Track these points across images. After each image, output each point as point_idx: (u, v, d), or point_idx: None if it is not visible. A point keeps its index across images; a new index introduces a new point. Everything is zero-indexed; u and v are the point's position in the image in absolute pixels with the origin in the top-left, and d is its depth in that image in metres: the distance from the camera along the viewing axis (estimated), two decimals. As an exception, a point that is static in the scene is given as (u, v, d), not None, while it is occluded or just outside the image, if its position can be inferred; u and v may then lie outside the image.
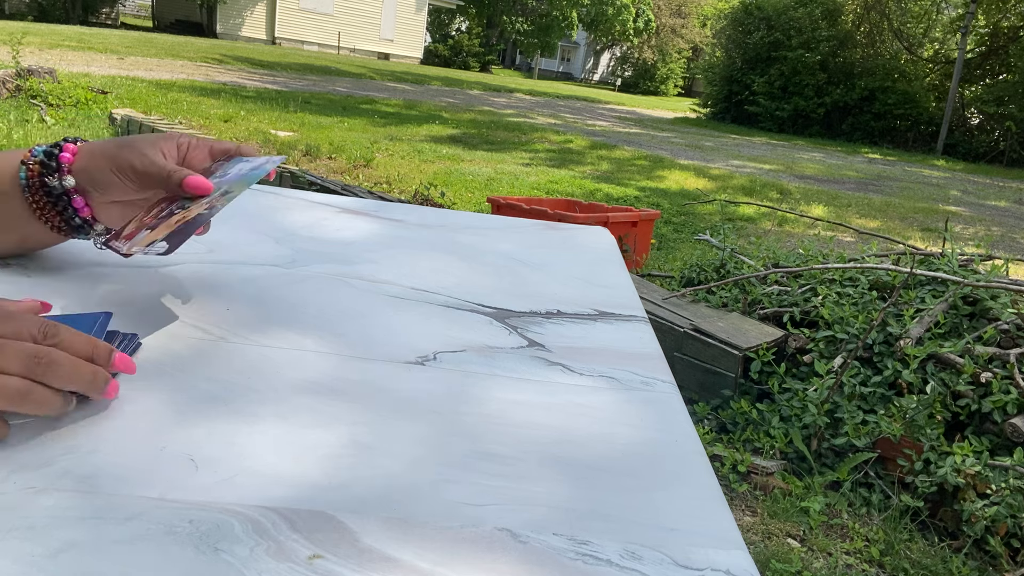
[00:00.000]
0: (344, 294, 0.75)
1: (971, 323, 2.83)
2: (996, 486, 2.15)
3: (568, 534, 0.44)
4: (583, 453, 0.53)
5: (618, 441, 0.55)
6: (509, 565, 0.41)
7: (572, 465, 0.52)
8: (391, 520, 0.44)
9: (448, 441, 0.52)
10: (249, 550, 0.40)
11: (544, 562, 0.42)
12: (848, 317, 2.88)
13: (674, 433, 0.58)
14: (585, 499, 0.48)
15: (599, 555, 0.43)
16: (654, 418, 0.59)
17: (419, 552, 0.41)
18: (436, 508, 0.45)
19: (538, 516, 0.46)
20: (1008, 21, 19.56)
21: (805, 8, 20.61)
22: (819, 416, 2.52)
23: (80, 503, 0.42)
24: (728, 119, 21.29)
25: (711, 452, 2.50)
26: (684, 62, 40.27)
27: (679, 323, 2.95)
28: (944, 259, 3.23)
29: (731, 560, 0.44)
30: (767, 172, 10.78)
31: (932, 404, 2.44)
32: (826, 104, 19.84)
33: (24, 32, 10.81)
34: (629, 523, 0.46)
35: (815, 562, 2.08)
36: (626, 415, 0.59)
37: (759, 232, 6.40)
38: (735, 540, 0.46)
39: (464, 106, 14.65)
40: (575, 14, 34.59)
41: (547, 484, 0.49)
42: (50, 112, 7.13)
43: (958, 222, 8.16)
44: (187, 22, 25.74)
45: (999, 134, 18.54)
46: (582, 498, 0.48)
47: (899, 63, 20.52)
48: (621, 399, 0.62)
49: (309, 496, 0.45)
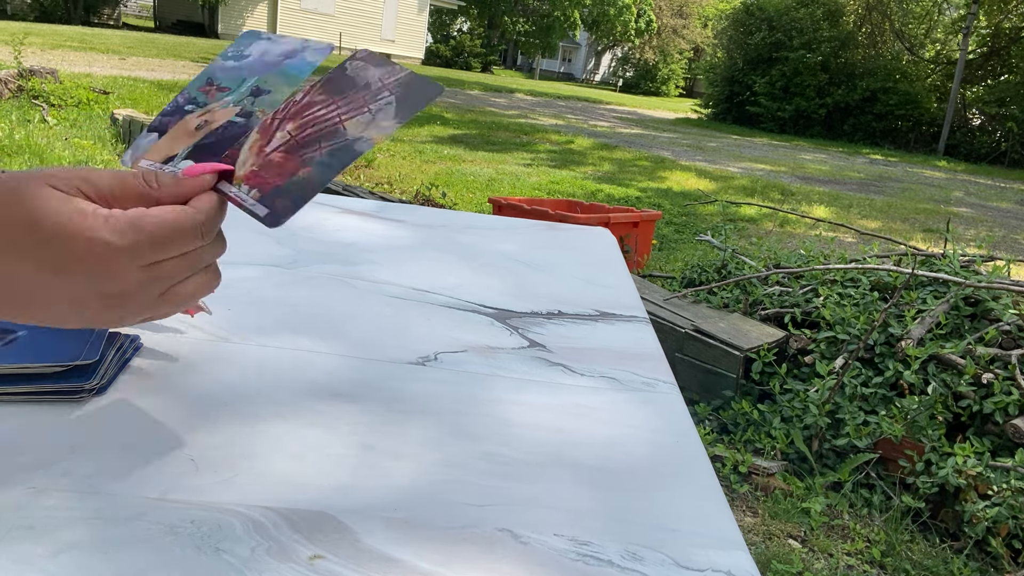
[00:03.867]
0: (345, 294, 0.75)
1: (972, 324, 2.83)
2: (997, 487, 2.14)
3: (569, 534, 0.44)
4: (584, 454, 0.53)
5: (619, 441, 0.55)
6: (509, 565, 0.41)
7: (573, 465, 0.51)
8: (391, 520, 0.44)
9: (449, 441, 0.52)
10: (250, 550, 0.40)
11: (545, 562, 0.42)
12: (849, 318, 2.88)
13: (675, 434, 0.58)
14: (586, 499, 0.48)
15: (600, 556, 0.43)
16: (655, 419, 0.59)
17: (419, 552, 0.41)
18: (436, 508, 0.45)
19: (539, 516, 0.46)
20: (1010, 22, 19.54)
21: (807, 9, 20.60)
22: (820, 417, 2.52)
23: (80, 503, 0.42)
24: (729, 120, 21.28)
25: (712, 453, 2.50)
26: (685, 63, 40.26)
27: (680, 324, 2.95)
28: (945, 260, 3.23)
29: (732, 561, 0.44)
30: (768, 173, 10.78)
31: (933, 405, 2.44)
32: (827, 105, 19.82)
33: (26, 32, 10.83)
34: (630, 524, 0.46)
35: (816, 563, 2.08)
36: (627, 416, 0.59)
37: (760, 233, 6.39)
38: (736, 541, 0.46)
39: (465, 106, 14.65)
40: (577, 14, 34.59)
41: (548, 484, 0.49)
42: (52, 112, 7.13)
43: (959, 223, 8.15)
44: (189, 22, 25.76)
45: (1001, 135, 18.52)
46: (583, 498, 0.48)
47: (901, 64, 20.50)
48: (622, 399, 0.61)
49: (310, 496, 0.45)
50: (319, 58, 0.52)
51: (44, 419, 0.49)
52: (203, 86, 0.52)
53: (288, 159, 0.47)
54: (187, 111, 0.51)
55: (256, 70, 0.52)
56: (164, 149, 0.49)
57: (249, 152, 0.48)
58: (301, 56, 0.52)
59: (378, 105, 0.48)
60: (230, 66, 0.53)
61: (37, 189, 0.40)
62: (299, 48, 0.53)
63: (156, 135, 0.50)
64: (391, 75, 0.49)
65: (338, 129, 0.48)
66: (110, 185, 0.43)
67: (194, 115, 0.51)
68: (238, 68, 0.53)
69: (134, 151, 0.50)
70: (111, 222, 0.41)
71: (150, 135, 0.51)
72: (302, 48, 0.53)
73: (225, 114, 0.50)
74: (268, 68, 0.52)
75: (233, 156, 0.48)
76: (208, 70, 0.53)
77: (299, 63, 0.52)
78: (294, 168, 0.47)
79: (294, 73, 0.51)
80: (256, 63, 0.53)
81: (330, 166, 0.47)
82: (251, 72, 0.52)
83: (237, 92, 0.51)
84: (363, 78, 0.50)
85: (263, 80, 0.51)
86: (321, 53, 0.52)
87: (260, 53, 0.53)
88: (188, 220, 0.43)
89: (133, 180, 0.44)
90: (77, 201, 0.41)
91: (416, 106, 0.48)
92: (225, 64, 0.53)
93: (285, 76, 0.51)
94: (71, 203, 0.40)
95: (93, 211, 0.41)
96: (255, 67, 0.52)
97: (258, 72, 0.52)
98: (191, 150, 0.49)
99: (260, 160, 0.47)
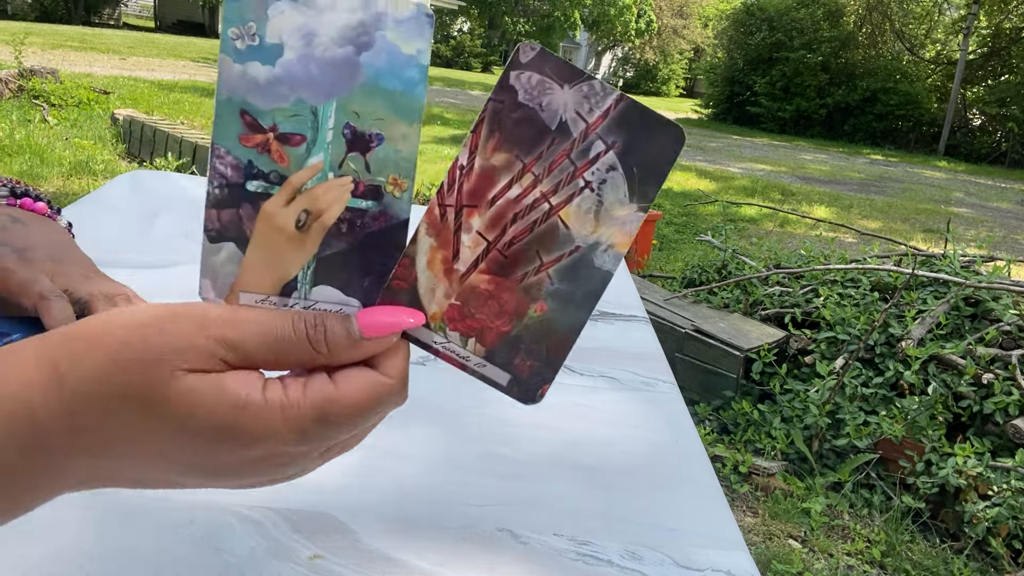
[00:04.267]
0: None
1: (973, 324, 2.83)
2: (997, 487, 2.14)
3: (569, 534, 0.44)
4: (584, 453, 0.53)
5: (619, 441, 0.55)
6: (509, 565, 0.41)
7: (573, 465, 0.51)
8: (391, 520, 0.44)
9: (448, 441, 0.52)
10: (250, 550, 0.40)
11: (544, 562, 0.42)
12: (850, 318, 2.88)
13: (675, 433, 0.58)
14: (586, 499, 0.48)
15: (600, 555, 0.43)
16: (655, 418, 0.59)
17: (419, 552, 0.41)
18: (436, 508, 0.45)
19: (538, 516, 0.46)
20: (1010, 22, 19.54)
21: (807, 9, 20.59)
22: (820, 417, 2.51)
23: (80, 504, 0.42)
24: (730, 120, 21.27)
25: (712, 453, 2.50)
26: (686, 63, 40.25)
27: (680, 324, 2.95)
28: (946, 260, 3.23)
29: (732, 560, 0.44)
30: (769, 173, 10.77)
31: (933, 405, 2.44)
32: (828, 105, 19.81)
33: (27, 32, 10.83)
34: (630, 523, 0.46)
35: (816, 563, 2.08)
36: (627, 415, 0.59)
37: (761, 233, 6.39)
38: (736, 540, 0.46)
39: (466, 107, 14.64)
40: (577, 15, 34.59)
41: (548, 484, 0.49)
42: (52, 112, 7.13)
43: (960, 223, 8.15)
44: (189, 22, 25.76)
45: (1001, 135, 18.52)
46: (582, 498, 0.48)
47: (901, 64, 20.49)
48: (622, 399, 0.61)
49: (310, 497, 0.45)
50: (420, 45, 0.31)
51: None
52: (245, 133, 0.31)
53: (503, 287, 0.32)
54: (253, 192, 0.32)
55: (319, 85, 0.31)
56: (264, 271, 0.33)
57: (429, 271, 0.32)
58: (385, 50, 0.31)
59: (599, 174, 0.31)
60: (264, 80, 0.31)
61: (174, 383, 0.29)
62: (367, 26, 0.30)
63: (231, 244, 0.33)
64: (593, 103, 0.31)
65: (556, 227, 0.31)
66: (260, 350, 0.31)
67: (280, 202, 0.32)
68: (283, 84, 0.31)
69: (212, 277, 0.34)
70: (290, 418, 0.30)
71: (221, 247, 0.33)
72: (374, 23, 0.30)
73: (332, 193, 0.32)
74: (339, 79, 0.31)
75: (381, 265, 0.33)
76: (230, 96, 0.31)
77: (391, 64, 0.31)
78: (519, 305, 0.32)
79: (396, 89, 0.31)
80: (309, 68, 0.31)
81: (570, 299, 0.32)
82: (313, 91, 0.31)
83: (319, 142, 0.31)
84: (551, 111, 0.31)
85: (347, 106, 0.31)
86: (416, 33, 0.31)
87: (300, 39, 0.30)
88: (386, 399, 0.32)
89: (289, 339, 0.31)
90: (230, 386, 0.30)
91: (657, 171, 0.31)
92: (255, 77, 0.31)
93: (385, 97, 0.31)
94: (225, 394, 0.30)
95: (260, 401, 0.30)
96: (314, 78, 0.31)
97: (325, 90, 0.31)
98: (316, 267, 0.33)
99: (456, 287, 0.32)
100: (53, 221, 0.65)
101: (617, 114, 0.30)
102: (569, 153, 0.31)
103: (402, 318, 0.32)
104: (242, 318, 0.31)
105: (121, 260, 0.87)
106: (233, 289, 0.33)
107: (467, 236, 0.32)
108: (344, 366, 0.32)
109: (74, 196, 4.76)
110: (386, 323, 0.31)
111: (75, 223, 0.76)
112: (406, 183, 0.32)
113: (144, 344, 0.29)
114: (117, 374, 0.29)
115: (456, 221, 0.32)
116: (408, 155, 0.32)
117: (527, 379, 0.33)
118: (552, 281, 0.32)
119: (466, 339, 0.33)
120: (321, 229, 0.32)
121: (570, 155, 0.31)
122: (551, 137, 0.31)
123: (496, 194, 0.31)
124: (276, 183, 0.32)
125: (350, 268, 0.33)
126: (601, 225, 0.31)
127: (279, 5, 0.30)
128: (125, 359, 0.29)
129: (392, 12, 0.30)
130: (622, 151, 0.31)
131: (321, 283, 0.33)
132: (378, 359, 0.32)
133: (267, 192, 0.32)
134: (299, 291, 0.33)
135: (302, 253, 0.33)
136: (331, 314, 0.31)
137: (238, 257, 0.33)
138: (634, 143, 0.31)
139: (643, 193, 0.31)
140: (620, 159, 0.31)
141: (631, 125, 0.30)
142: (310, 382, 0.31)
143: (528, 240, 0.32)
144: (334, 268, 0.33)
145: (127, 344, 0.29)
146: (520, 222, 0.31)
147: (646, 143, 0.31)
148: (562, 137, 0.31)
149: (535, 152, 0.31)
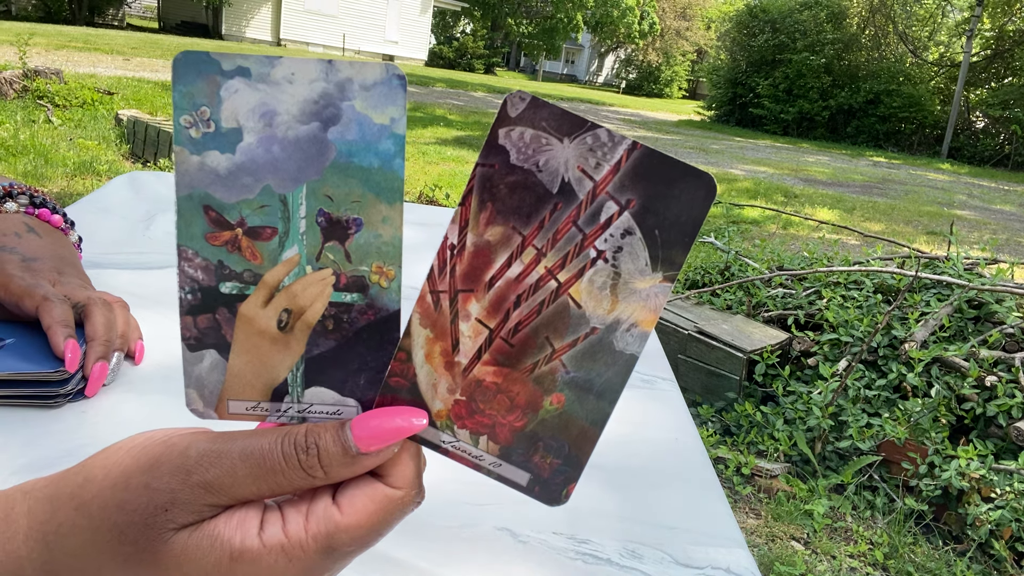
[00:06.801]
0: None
1: (976, 327, 2.82)
2: (1001, 490, 2.14)
3: (568, 533, 0.44)
4: (584, 452, 0.53)
5: (618, 439, 0.55)
6: (509, 564, 0.41)
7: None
8: (391, 518, 0.43)
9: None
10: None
11: (544, 561, 0.42)
12: (853, 320, 2.87)
13: (674, 431, 0.57)
14: (585, 498, 0.48)
15: (599, 554, 0.43)
16: (654, 416, 0.59)
17: (419, 552, 0.41)
18: (436, 507, 0.45)
19: (538, 515, 0.45)
20: (1014, 24, 19.51)
21: (810, 11, 20.58)
22: (823, 419, 2.51)
23: None
24: (732, 122, 21.26)
25: (715, 454, 2.50)
26: (688, 65, 40.25)
27: (684, 325, 2.95)
28: (949, 262, 3.22)
29: (731, 558, 0.44)
30: (772, 175, 10.77)
31: (936, 407, 2.43)
32: (831, 107, 19.79)
33: (31, 33, 10.86)
34: (629, 521, 0.46)
35: (819, 565, 2.07)
36: (626, 413, 0.59)
37: (764, 235, 6.39)
38: (735, 538, 0.46)
39: (469, 108, 14.66)
40: (580, 16, 34.61)
41: (547, 483, 0.49)
42: (56, 113, 7.15)
43: (963, 226, 8.14)
44: (193, 23, 25.83)
45: (1004, 137, 18.48)
46: (582, 496, 0.48)
47: (904, 66, 20.47)
48: (621, 397, 0.61)
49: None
50: (393, 113, 0.27)
51: (41, 421, 0.49)
52: (211, 231, 0.28)
53: (512, 379, 0.29)
54: (228, 294, 0.29)
55: (286, 170, 0.27)
56: (250, 377, 0.30)
57: (428, 364, 0.29)
58: (355, 122, 0.27)
59: (613, 241, 0.27)
60: (225, 170, 0.27)
61: (164, 546, 0.27)
62: (332, 97, 0.27)
63: (213, 352, 0.30)
64: (600, 156, 0.26)
65: (567, 308, 0.28)
66: (250, 486, 0.28)
67: (258, 303, 0.29)
68: (246, 173, 0.27)
69: (198, 387, 0.31)
70: (295, 558, 0.28)
71: (203, 354, 0.30)
72: (338, 92, 0.27)
73: (312, 289, 0.29)
74: (307, 161, 0.27)
75: (375, 362, 0.30)
76: (191, 192, 0.28)
77: (363, 137, 0.27)
78: (532, 398, 0.29)
79: (372, 166, 0.27)
80: (272, 151, 0.27)
81: (590, 388, 0.28)
82: (279, 178, 0.28)
83: (292, 234, 0.28)
84: (550, 171, 0.26)
85: (318, 191, 0.28)
86: (387, 99, 0.27)
87: (259, 120, 0.27)
88: (398, 513, 0.30)
89: (280, 469, 0.28)
90: (222, 534, 0.28)
91: (685, 231, 0.26)
92: (214, 167, 0.27)
93: (360, 175, 0.28)
94: (218, 545, 0.28)
95: (258, 547, 0.28)
96: (279, 163, 0.27)
97: (293, 175, 0.27)
98: (305, 368, 0.30)
99: (460, 381, 0.29)
100: (65, 236, 0.69)
101: (631, 166, 0.25)
102: (575, 219, 0.26)
103: (404, 422, 0.29)
104: (226, 451, 0.28)
105: (121, 260, 0.87)
106: (221, 398, 0.31)
107: (466, 325, 0.29)
108: (348, 480, 0.29)
109: (78, 196, 4.77)
110: (386, 431, 0.28)
111: (74, 223, 0.76)
112: (392, 271, 0.30)
113: (133, 507, 0.28)
114: (107, 542, 0.28)
115: (452, 309, 0.29)
116: (391, 239, 0.29)
117: (549, 478, 0.30)
118: (567, 369, 0.28)
119: (477, 437, 0.30)
120: (305, 328, 0.30)
121: (576, 221, 0.27)
122: (553, 202, 0.26)
123: (494, 275, 0.28)
124: (251, 282, 0.29)
125: (343, 367, 0.30)
126: (620, 301, 0.27)
127: (231, 84, 0.26)
128: (113, 523, 0.28)
129: (358, 78, 0.26)
130: (640, 211, 0.26)
131: (313, 384, 0.30)
132: (385, 467, 0.29)
133: (242, 293, 0.29)
134: (291, 394, 0.31)
135: (288, 355, 0.30)
136: (324, 428, 0.29)
137: (222, 364, 0.30)
138: (654, 200, 0.26)
139: (668, 259, 0.26)
140: (638, 221, 0.26)
141: (649, 178, 0.26)
142: (312, 511, 0.29)
143: (535, 324, 0.28)
144: (325, 368, 0.30)
145: (116, 507, 0.28)
146: (524, 305, 0.28)
147: (669, 199, 0.26)
148: (566, 201, 0.26)
149: (535, 222, 0.27)
